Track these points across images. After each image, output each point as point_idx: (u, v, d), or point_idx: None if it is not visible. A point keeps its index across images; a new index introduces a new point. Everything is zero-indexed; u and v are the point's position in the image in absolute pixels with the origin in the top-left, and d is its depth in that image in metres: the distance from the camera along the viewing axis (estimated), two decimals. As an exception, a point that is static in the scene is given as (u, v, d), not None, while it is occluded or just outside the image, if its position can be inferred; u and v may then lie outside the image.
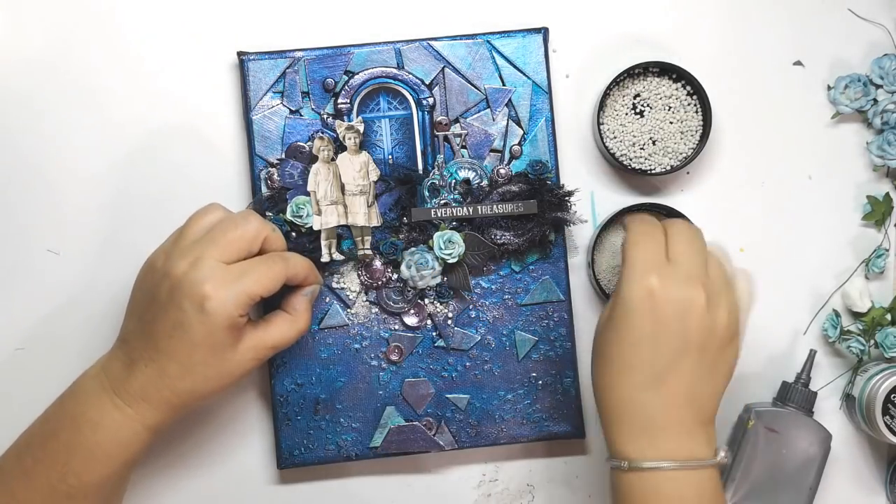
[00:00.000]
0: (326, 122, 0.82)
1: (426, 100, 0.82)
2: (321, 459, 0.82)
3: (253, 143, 0.82)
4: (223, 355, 0.71)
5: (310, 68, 0.82)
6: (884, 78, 0.85)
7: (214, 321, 0.69)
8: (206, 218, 0.73)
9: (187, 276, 0.69)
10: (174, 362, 0.70)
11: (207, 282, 0.69)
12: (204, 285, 0.69)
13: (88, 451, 0.70)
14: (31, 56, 0.84)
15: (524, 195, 0.81)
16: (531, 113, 0.83)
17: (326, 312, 0.82)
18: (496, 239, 0.81)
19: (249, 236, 0.72)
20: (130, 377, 0.71)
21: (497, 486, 0.85)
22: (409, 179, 0.81)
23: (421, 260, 0.81)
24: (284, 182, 0.81)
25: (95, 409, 0.71)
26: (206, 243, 0.71)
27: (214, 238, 0.71)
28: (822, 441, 0.82)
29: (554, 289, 0.83)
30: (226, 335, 0.70)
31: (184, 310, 0.69)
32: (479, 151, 0.83)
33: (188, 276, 0.69)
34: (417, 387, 0.82)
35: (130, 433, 0.71)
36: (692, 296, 0.68)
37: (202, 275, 0.69)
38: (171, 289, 0.69)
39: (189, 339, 0.69)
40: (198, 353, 0.70)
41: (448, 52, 0.82)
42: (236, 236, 0.71)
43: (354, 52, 0.82)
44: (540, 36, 0.83)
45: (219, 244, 0.71)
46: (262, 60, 0.81)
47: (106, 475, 0.71)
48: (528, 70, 0.83)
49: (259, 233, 0.72)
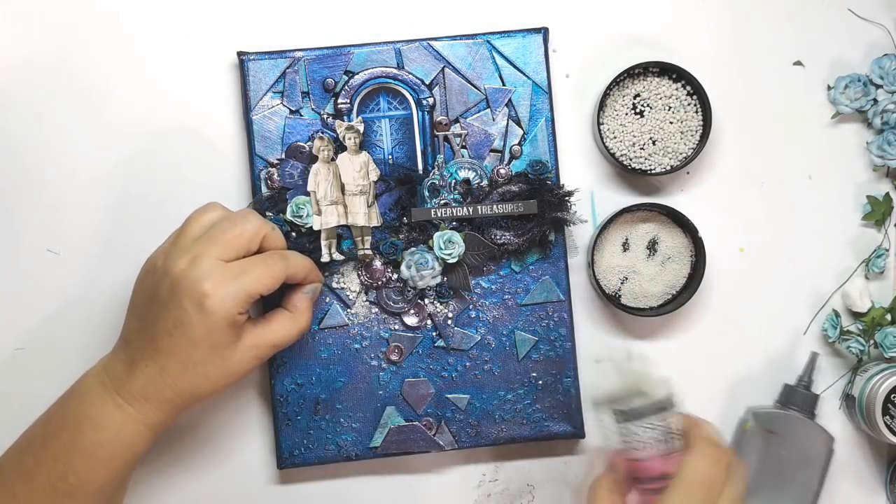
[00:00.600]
0: (326, 122, 0.82)
1: (426, 100, 0.82)
2: (321, 459, 0.82)
3: (253, 143, 0.82)
4: (224, 353, 0.71)
5: (310, 68, 0.82)
6: (884, 78, 0.85)
7: (214, 319, 0.69)
8: (205, 217, 0.73)
9: (187, 274, 0.69)
10: (175, 361, 0.70)
11: (207, 280, 0.69)
12: (203, 283, 0.69)
13: (90, 450, 0.70)
14: (31, 56, 0.84)
15: (524, 195, 0.81)
16: (531, 113, 0.83)
17: (326, 312, 0.82)
18: (496, 239, 0.81)
19: (249, 234, 0.72)
20: (132, 377, 0.71)
21: (497, 486, 0.85)
22: (409, 179, 0.81)
23: (421, 260, 0.81)
24: (284, 182, 0.81)
25: (97, 409, 0.71)
26: (206, 242, 0.71)
27: (214, 236, 0.71)
28: (825, 444, 0.82)
29: (554, 289, 0.83)
30: (226, 333, 0.70)
31: (184, 308, 0.69)
32: (479, 151, 0.83)
33: (188, 275, 0.69)
34: (417, 387, 0.82)
35: (132, 433, 0.71)
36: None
37: (201, 273, 0.69)
38: (170, 287, 0.69)
39: (189, 337, 0.69)
40: (198, 351, 0.70)
41: (448, 52, 0.82)
42: (235, 234, 0.71)
43: (354, 52, 0.82)
44: (540, 36, 0.83)
45: (218, 242, 0.71)
46: (262, 60, 0.82)
47: (107, 475, 0.71)
48: (529, 70, 0.83)
49: (258, 231, 0.72)
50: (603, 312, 0.86)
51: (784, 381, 0.86)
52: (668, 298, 0.84)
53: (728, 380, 0.86)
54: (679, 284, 0.84)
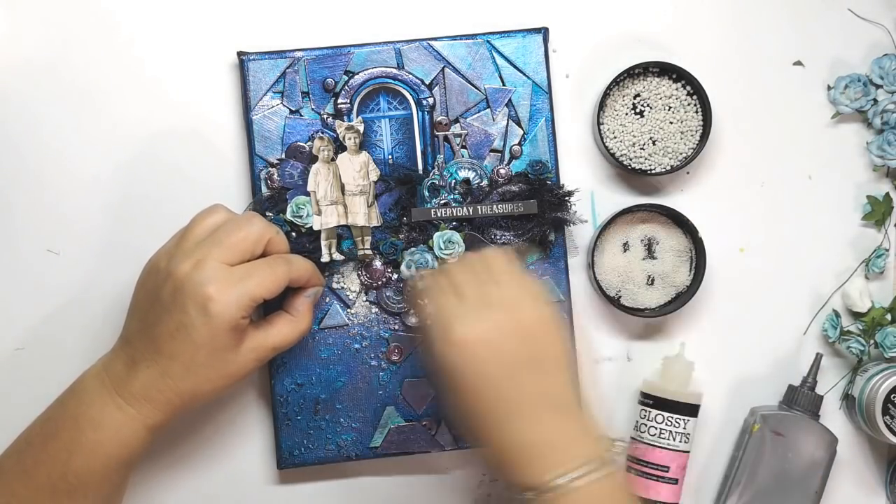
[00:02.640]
0: (326, 122, 0.82)
1: (426, 100, 0.82)
2: (321, 459, 0.82)
3: (253, 143, 0.81)
4: (225, 356, 0.71)
5: (310, 68, 0.82)
6: (884, 78, 0.85)
7: (217, 323, 0.69)
8: (209, 219, 0.73)
9: (191, 277, 0.69)
10: (176, 363, 0.70)
11: (211, 284, 0.69)
12: (207, 287, 0.69)
13: (89, 450, 0.70)
14: (31, 56, 0.84)
15: (524, 195, 0.81)
16: (531, 113, 0.83)
17: (326, 312, 0.82)
18: (496, 239, 0.81)
19: (253, 238, 0.72)
20: (132, 377, 0.71)
21: (497, 485, 0.85)
22: (409, 179, 0.81)
23: (421, 260, 0.81)
24: (284, 182, 0.81)
25: (97, 409, 0.71)
26: (210, 245, 0.71)
27: (218, 240, 0.71)
28: (829, 445, 0.82)
29: (554, 289, 0.83)
30: (228, 337, 0.70)
31: (187, 311, 0.69)
32: (479, 151, 0.83)
33: (192, 278, 0.69)
34: (417, 387, 0.82)
35: (131, 433, 0.71)
36: (493, 319, 0.67)
37: (206, 276, 0.69)
38: (174, 290, 0.69)
39: (192, 340, 0.69)
40: (200, 354, 0.70)
41: (448, 52, 0.82)
42: (240, 238, 0.71)
43: (354, 52, 0.82)
44: (540, 36, 0.83)
45: (222, 246, 0.71)
46: (262, 60, 0.81)
47: (106, 474, 0.71)
48: (528, 70, 0.83)
49: (263, 235, 0.72)
50: (603, 312, 0.86)
51: (784, 381, 0.85)
52: (669, 299, 0.84)
53: (728, 380, 0.86)
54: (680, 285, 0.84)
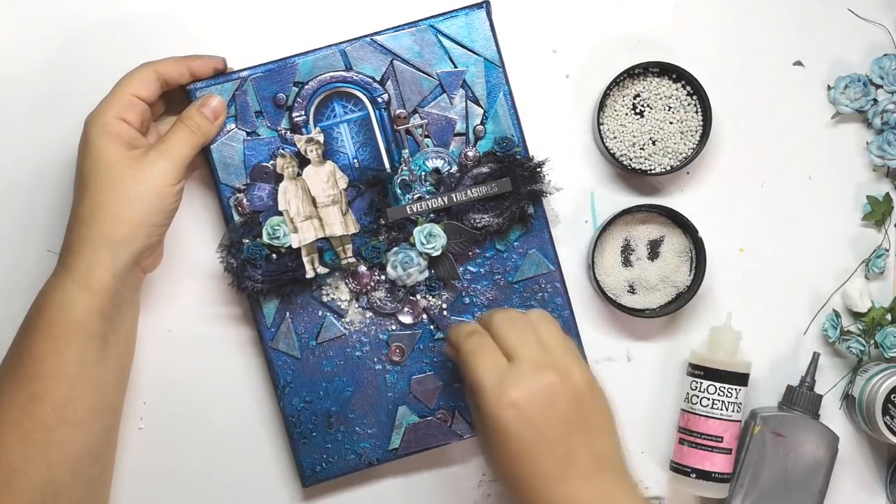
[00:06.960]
0: (285, 137, 0.81)
1: (380, 97, 0.81)
2: (344, 471, 0.82)
3: (216, 171, 0.80)
4: (132, 175, 0.73)
5: (258, 86, 0.80)
6: (884, 78, 0.84)
7: (94, 138, 0.73)
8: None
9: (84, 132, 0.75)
10: (85, 206, 0.73)
11: (90, 118, 0.75)
12: (88, 125, 0.74)
13: (41, 330, 0.72)
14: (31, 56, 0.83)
15: (496, 174, 0.80)
16: (488, 90, 0.81)
17: (322, 326, 0.81)
18: (476, 223, 0.80)
19: (131, 80, 0.76)
20: (65, 248, 0.74)
21: (497, 485, 0.85)
22: (379, 180, 0.80)
23: (405, 258, 0.80)
24: (255, 206, 0.80)
25: (53, 291, 0.73)
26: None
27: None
28: (830, 444, 0.82)
29: (542, 261, 0.82)
30: (115, 150, 0.73)
31: (80, 155, 0.74)
32: (443, 138, 0.81)
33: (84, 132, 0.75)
34: (425, 382, 0.82)
35: (69, 296, 0.72)
36: (548, 382, 0.68)
37: (91, 118, 0.75)
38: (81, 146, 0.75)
39: (93, 176, 0.73)
40: (102, 182, 0.72)
41: (393, 45, 0.81)
42: (121, 84, 0.76)
43: (300, 61, 0.80)
44: (483, 11, 0.81)
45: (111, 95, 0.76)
46: (210, 87, 0.80)
47: (53, 346, 0.72)
48: (477, 47, 0.81)
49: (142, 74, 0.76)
50: (603, 313, 0.85)
51: (784, 380, 0.85)
52: (669, 299, 0.84)
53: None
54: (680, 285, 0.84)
